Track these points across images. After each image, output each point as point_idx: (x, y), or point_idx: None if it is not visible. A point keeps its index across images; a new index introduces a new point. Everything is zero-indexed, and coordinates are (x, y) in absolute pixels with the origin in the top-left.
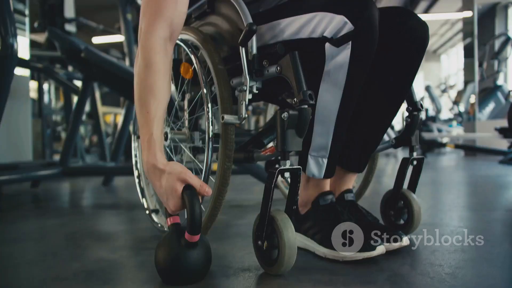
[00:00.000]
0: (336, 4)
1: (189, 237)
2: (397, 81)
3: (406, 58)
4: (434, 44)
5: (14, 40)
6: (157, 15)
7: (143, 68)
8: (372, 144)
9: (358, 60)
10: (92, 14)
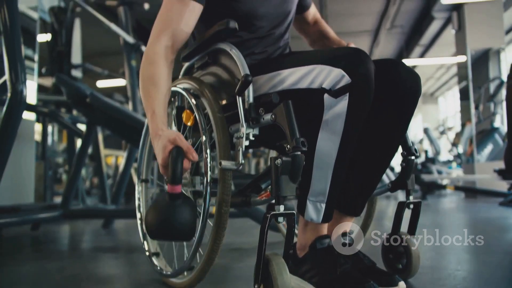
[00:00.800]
0: (335, 58)
1: (170, 188)
2: (391, 128)
3: (400, 107)
4: (431, 87)
5: (23, 86)
6: (162, 29)
7: (146, 65)
8: (369, 188)
9: (355, 111)
10: (97, 59)
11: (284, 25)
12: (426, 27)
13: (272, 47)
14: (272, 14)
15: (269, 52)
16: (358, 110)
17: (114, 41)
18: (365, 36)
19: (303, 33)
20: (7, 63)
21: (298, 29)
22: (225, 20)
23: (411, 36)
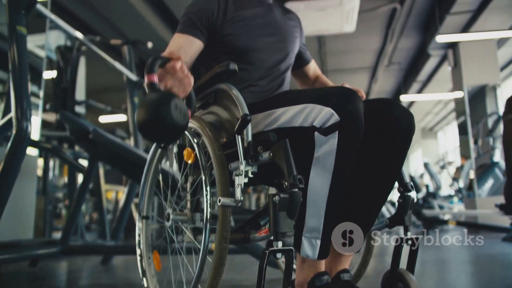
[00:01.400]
0: (324, 97)
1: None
2: (386, 166)
3: (394, 145)
4: (430, 122)
5: (28, 123)
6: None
7: None
8: (366, 224)
9: (345, 148)
10: (100, 94)
11: (282, 65)
12: (422, 64)
13: (271, 84)
14: (268, 50)
15: (267, 88)
16: (348, 147)
17: (117, 78)
18: (363, 73)
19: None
20: (13, 100)
21: (300, 84)
22: (225, 62)
23: (408, 73)
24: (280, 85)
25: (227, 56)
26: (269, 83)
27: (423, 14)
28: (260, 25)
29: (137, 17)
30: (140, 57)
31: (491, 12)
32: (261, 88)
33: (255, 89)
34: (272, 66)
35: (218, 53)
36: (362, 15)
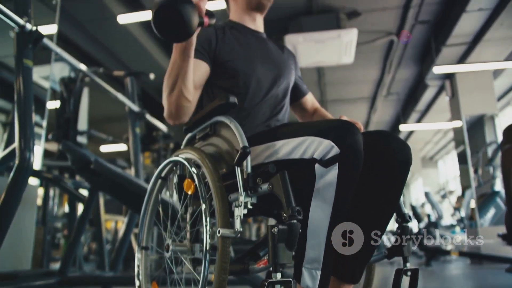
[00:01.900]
0: (324, 130)
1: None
2: (384, 198)
3: (391, 177)
4: (430, 151)
5: (31, 154)
6: None
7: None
8: (365, 254)
9: (345, 180)
10: (102, 124)
11: (280, 93)
12: (421, 94)
13: (269, 112)
14: (265, 77)
15: (266, 116)
16: (348, 179)
17: (119, 108)
18: (363, 103)
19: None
20: (17, 131)
21: (300, 118)
22: (225, 95)
23: (407, 103)
24: (278, 113)
25: (225, 82)
26: (267, 111)
27: (419, 46)
28: (256, 55)
29: (140, 49)
30: (142, 87)
31: (486, 45)
32: (260, 116)
33: (254, 116)
34: (270, 92)
35: (218, 79)
36: (360, 47)
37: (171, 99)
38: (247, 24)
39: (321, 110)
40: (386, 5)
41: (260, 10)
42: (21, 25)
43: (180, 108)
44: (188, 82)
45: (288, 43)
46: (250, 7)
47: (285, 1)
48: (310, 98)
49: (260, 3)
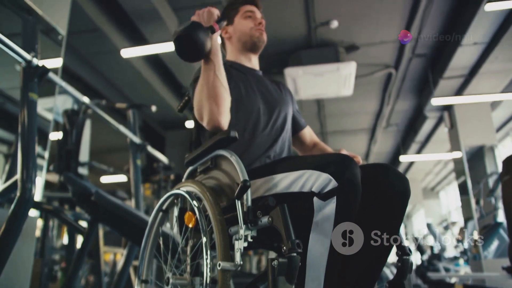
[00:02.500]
0: (323, 163)
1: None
2: (383, 231)
3: (390, 210)
4: (431, 182)
5: (33, 185)
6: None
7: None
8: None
9: (343, 213)
10: (103, 155)
11: (279, 123)
12: (420, 125)
13: (269, 142)
14: (263, 108)
15: (266, 146)
16: (346, 213)
17: (120, 139)
18: (362, 134)
19: (305, 154)
20: (20, 163)
21: (299, 151)
22: (226, 130)
23: (406, 134)
24: (277, 144)
25: None
26: (267, 143)
27: (417, 78)
28: (254, 90)
29: (143, 81)
30: (144, 119)
31: (482, 77)
32: (259, 148)
33: (254, 148)
34: (268, 125)
35: None
36: (359, 79)
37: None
38: (244, 63)
39: (320, 144)
40: (384, 39)
41: (254, 51)
42: (28, 60)
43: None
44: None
45: (288, 76)
46: (245, 48)
47: (285, 36)
48: (308, 131)
49: (254, 44)
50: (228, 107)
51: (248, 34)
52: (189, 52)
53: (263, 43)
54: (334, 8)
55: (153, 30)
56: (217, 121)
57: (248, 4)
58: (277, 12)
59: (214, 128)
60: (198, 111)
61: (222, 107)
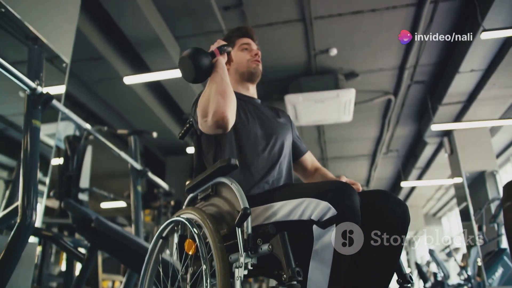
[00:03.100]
0: (322, 191)
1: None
2: (383, 258)
3: (390, 236)
4: (432, 207)
5: (33, 212)
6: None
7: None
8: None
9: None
10: (104, 181)
11: (277, 150)
12: (420, 151)
13: (268, 168)
14: (262, 135)
15: (264, 173)
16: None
17: (121, 165)
18: (363, 160)
19: (307, 180)
20: (21, 189)
21: (302, 177)
22: (227, 158)
23: (407, 160)
24: (276, 169)
25: (225, 140)
26: (265, 168)
27: (416, 104)
28: (253, 117)
29: (144, 108)
30: (145, 145)
31: (481, 103)
32: (258, 173)
33: (253, 173)
34: (266, 150)
35: (218, 137)
36: (358, 106)
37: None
38: (243, 93)
39: (322, 169)
40: (382, 66)
41: (252, 81)
42: (32, 88)
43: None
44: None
45: (288, 102)
46: (243, 78)
47: (285, 63)
48: (309, 157)
49: (252, 75)
50: (235, 107)
51: (245, 65)
52: (189, 71)
53: (260, 73)
54: (333, 37)
55: (155, 57)
56: (223, 113)
57: (244, 37)
58: (278, 40)
59: (219, 121)
60: (203, 108)
61: (229, 102)
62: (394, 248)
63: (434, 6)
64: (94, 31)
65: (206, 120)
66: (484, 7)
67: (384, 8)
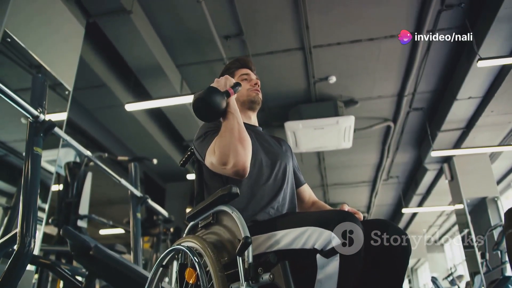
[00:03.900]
0: (325, 220)
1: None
2: (385, 286)
3: (391, 266)
4: (434, 234)
5: (32, 240)
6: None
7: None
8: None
9: (346, 270)
10: (103, 207)
11: (278, 177)
12: (421, 177)
13: (270, 196)
14: (264, 162)
15: (267, 200)
16: (349, 270)
17: (121, 191)
18: (363, 187)
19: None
20: (20, 217)
21: (299, 209)
22: (228, 186)
23: (407, 186)
24: (279, 197)
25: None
26: (269, 195)
27: (416, 131)
28: (255, 143)
29: (145, 134)
30: (145, 172)
31: (479, 130)
32: (262, 200)
33: (256, 200)
34: (270, 178)
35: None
36: (358, 132)
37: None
38: (245, 121)
39: (319, 202)
40: (381, 93)
41: (252, 109)
42: (35, 116)
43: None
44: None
45: (288, 129)
46: (244, 107)
47: (285, 90)
48: (307, 189)
49: (252, 103)
50: (251, 154)
51: (246, 94)
52: (205, 112)
53: (260, 101)
54: (332, 65)
55: (156, 85)
56: (244, 163)
57: (242, 68)
58: (278, 67)
59: (239, 171)
60: (222, 155)
61: (248, 151)
62: (396, 277)
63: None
64: (96, 59)
65: (225, 168)
66: (480, 36)
67: (382, 37)
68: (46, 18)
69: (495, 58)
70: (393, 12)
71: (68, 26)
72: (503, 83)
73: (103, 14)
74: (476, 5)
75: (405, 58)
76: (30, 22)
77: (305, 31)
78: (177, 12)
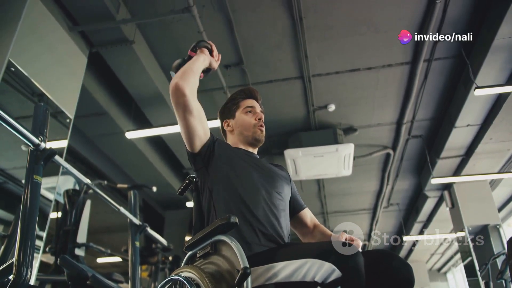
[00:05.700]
0: (325, 252)
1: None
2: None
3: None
4: (437, 263)
5: (29, 271)
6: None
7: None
8: None
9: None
10: (101, 235)
11: (277, 201)
12: (421, 205)
13: (269, 219)
14: (261, 186)
15: (265, 224)
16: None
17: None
18: (364, 214)
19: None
20: (18, 246)
21: (300, 234)
22: (227, 216)
23: (408, 213)
24: (279, 220)
25: (224, 192)
26: (269, 219)
27: (415, 158)
28: (254, 168)
29: (145, 162)
30: (144, 199)
31: (479, 157)
32: (260, 223)
33: (255, 224)
34: (270, 200)
35: (217, 188)
36: (358, 160)
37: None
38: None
39: (320, 227)
40: (380, 121)
41: (254, 146)
42: (36, 144)
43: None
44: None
45: (288, 157)
46: (246, 141)
47: (285, 118)
48: (308, 213)
49: (255, 140)
50: (190, 83)
51: (251, 130)
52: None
53: (263, 140)
54: (331, 93)
55: (157, 113)
56: (177, 83)
57: (248, 99)
58: (277, 96)
59: (173, 87)
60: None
61: (187, 80)
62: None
63: (428, 65)
64: (98, 87)
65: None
66: (476, 65)
67: (380, 66)
68: (50, 47)
69: (492, 87)
70: (391, 41)
71: (71, 56)
72: (500, 111)
73: (105, 44)
74: (471, 35)
75: (403, 86)
76: (33, 51)
77: (304, 60)
78: (178, 42)
